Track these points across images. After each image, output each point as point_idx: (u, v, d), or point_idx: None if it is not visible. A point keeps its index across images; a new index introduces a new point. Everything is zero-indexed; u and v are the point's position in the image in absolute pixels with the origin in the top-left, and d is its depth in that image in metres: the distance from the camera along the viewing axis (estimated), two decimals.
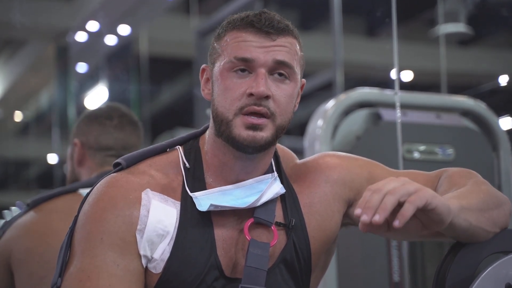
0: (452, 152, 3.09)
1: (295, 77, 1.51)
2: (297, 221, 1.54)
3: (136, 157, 1.54)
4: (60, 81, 8.89)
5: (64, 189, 2.16)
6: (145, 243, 1.45)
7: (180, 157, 1.54)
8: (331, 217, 1.58)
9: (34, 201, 2.13)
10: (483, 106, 3.25)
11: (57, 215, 2.07)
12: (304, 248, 1.54)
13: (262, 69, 1.47)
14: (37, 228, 2.08)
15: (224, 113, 1.48)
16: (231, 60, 1.48)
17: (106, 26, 7.99)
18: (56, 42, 8.59)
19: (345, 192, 1.59)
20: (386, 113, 3.01)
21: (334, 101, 3.05)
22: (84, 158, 2.24)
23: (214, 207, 1.48)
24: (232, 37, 1.50)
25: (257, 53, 1.47)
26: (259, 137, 1.46)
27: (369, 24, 7.70)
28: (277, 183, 1.54)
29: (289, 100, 1.50)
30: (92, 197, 1.49)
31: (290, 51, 1.50)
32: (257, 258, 1.47)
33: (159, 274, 1.46)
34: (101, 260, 1.41)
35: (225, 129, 1.48)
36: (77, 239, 1.46)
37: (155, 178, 1.51)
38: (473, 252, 1.48)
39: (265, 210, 1.51)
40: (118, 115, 2.27)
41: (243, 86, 1.47)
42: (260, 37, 1.49)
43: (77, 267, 1.43)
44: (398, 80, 2.73)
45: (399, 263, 2.90)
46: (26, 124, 11.39)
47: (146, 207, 1.46)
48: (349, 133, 2.99)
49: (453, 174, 1.58)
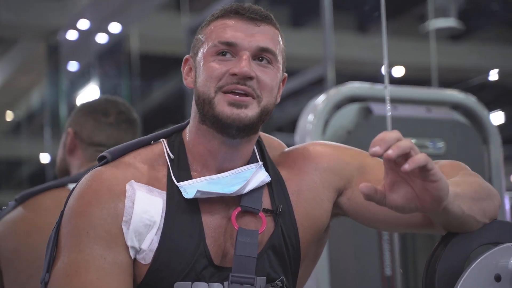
0: (442, 145, 3.10)
1: (277, 65, 1.52)
2: (284, 207, 1.54)
3: (121, 150, 1.54)
4: (51, 80, 8.87)
5: (53, 184, 2.13)
6: (132, 234, 1.45)
7: (165, 149, 1.55)
8: (320, 205, 1.57)
9: (22, 196, 2.09)
10: (473, 100, 3.26)
11: (45, 212, 2.03)
12: (292, 235, 1.54)
13: (246, 52, 1.48)
14: (24, 227, 2.05)
15: (205, 92, 1.48)
16: (215, 44, 1.49)
17: (96, 24, 7.98)
18: (47, 40, 8.58)
19: (335, 180, 1.58)
20: (377, 107, 3.02)
21: (325, 96, 3.06)
22: (75, 148, 2.20)
23: (201, 193, 1.48)
24: (216, 25, 1.52)
25: (241, 38, 1.48)
26: (244, 114, 1.46)
27: (359, 20, 7.71)
28: (262, 171, 1.54)
29: (274, 84, 1.51)
30: (77, 191, 1.49)
31: (273, 39, 1.51)
32: (246, 246, 1.47)
33: (148, 265, 1.46)
34: (88, 254, 1.42)
35: (208, 108, 1.48)
36: (64, 234, 1.46)
37: (140, 169, 1.51)
38: (463, 243, 1.49)
39: (251, 198, 1.51)
40: (115, 112, 2.23)
41: (225, 67, 1.48)
42: (244, 22, 1.50)
43: (64, 262, 1.43)
44: (387, 73, 2.74)
45: (390, 257, 2.91)
46: (17, 124, 11.37)
47: (131, 198, 1.46)
48: (340, 127, 3.00)
49: (444, 165, 1.58)
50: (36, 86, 10.15)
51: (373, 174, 1.58)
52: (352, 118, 3.04)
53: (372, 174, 1.58)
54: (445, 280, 1.46)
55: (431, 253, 1.50)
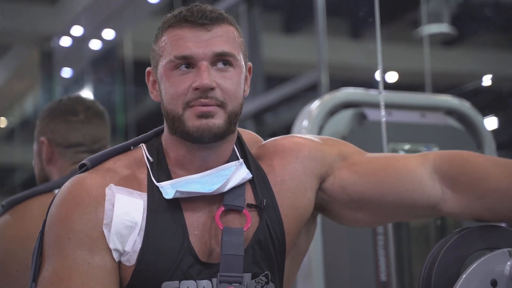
0: (437, 151, 3.10)
1: (238, 63, 1.52)
2: (268, 201, 1.54)
3: (100, 157, 1.56)
4: (45, 86, 8.86)
5: (38, 189, 2.11)
6: (114, 236, 1.45)
7: (144, 153, 1.56)
8: (303, 194, 1.57)
9: (9, 203, 2.07)
10: (467, 105, 3.27)
11: (32, 219, 2.00)
12: (278, 228, 1.54)
13: (204, 62, 1.48)
14: (12, 234, 2.03)
15: (173, 109, 1.50)
16: (172, 60, 1.50)
17: (90, 30, 7.98)
18: (41, 47, 8.57)
19: (317, 167, 1.59)
20: (371, 113, 3.02)
21: (319, 102, 3.06)
22: (53, 156, 2.17)
23: (180, 193, 1.49)
24: (169, 36, 1.52)
25: (196, 49, 1.49)
26: (212, 124, 1.48)
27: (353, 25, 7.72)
28: (243, 168, 1.55)
29: (237, 86, 1.51)
30: (57, 199, 1.50)
31: (228, 39, 1.51)
32: (232, 245, 1.47)
33: (133, 266, 1.46)
34: (71, 260, 1.43)
35: (179, 124, 1.50)
36: (47, 243, 1.47)
37: (120, 174, 1.52)
38: (459, 248, 1.49)
39: (234, 195, 1.52)
40: (83, 109, 2.20)
41: (187, 81, 1.49)
42: (195, 30, 1.50)
43: (48, 270, 1.44)
44: (382, 79, 2.75)
45: (386, 262, 2.91)
46: (11, 130, 11.34)
47: (110, 201, 1.47)
48: (334, 133, 3.00)
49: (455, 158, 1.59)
50: (29, 92, 10.13)
51: (354, 161, 1.59)
52: (347, 124, 3.04)
53: (353, 162, 1.59)
54: (441, 285, 1.46)
55: (427, 258, 1.50)
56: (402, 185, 1.56)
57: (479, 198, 1.52)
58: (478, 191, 1.52)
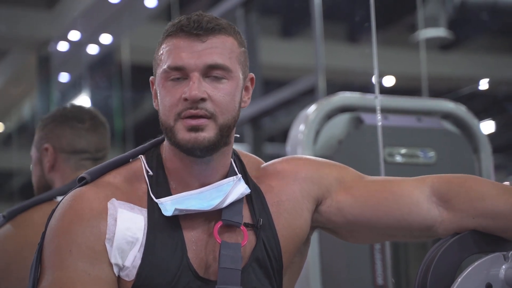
0: (433, 155, 3.11)
1: (232, 75, 1.51)
2: (265, 221, 1.54)
3: (100, 170, 1.55)
4: (42, 91, 8.85)
5: (40, 198, 2.10)
6: (115, 251, 1.45)
7: (143, 166, 1.55)
8: (300, 215, 1.58)
9: (10, 213, 2.07)
10: (463, 109, 3.28)
11: (33, 228, 1.98)
12: (274, 247, 1.54)
13: (195, 73, 1.48)
14: (14, 244, 2.04)
15: (166, 120, 1.50)
16: (166, 70, 1.50)
17: (87, 35, 7.99)
18: (38, 52, 8.57)
19: (314, 189, 1.59)
20: (367, 117, 3.03)
21: (316, 106, 3.07)
22: (56, 162, 2.17)
23: (179, 211, 1.49)
24: (166, 45, 1.52)
25: (188, 60, 1.48)
26: (201, 137, 1.47)
27: (350, 30, 7.73)
28: (242, 183, 1.55)
29: (230, 98, 1.50)
30: (58, 212, 1.50)
31: (223, 51, 1.50)
32: (230, 259, 1.47)
33: (132, 281, 1.46)
34: (72, 271, 1.42)
35: (171, 135, 1.50)
36: (46, 254, 1.47)
37: (120, 188, 1.52)
38: (455, 252, 1.49)
39: (232, 211, 1.52)
40: (89, 117, 2.21)
41: (179, 92, 1.48)
42: (190, 40, 1.49)
43: (48, 281, 1.44)
44: (378, 83, 2.75)
45: (382, 266, 2.91)
46: (8, 135, 11.33)
47: (113, 216, 1.47)
48: (331, 137, 3.00)
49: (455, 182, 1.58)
50: (27, 97, 10.12)
51: (351, 185, 1.60)
52: (343, 128, 3.05)
53: (351, 185, 1.60)
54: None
55: (423, 262, 1.50)
56: (397, 208, 1.56)
57: (473, 217, 1.51)
58: (473, 210, 1.52)
